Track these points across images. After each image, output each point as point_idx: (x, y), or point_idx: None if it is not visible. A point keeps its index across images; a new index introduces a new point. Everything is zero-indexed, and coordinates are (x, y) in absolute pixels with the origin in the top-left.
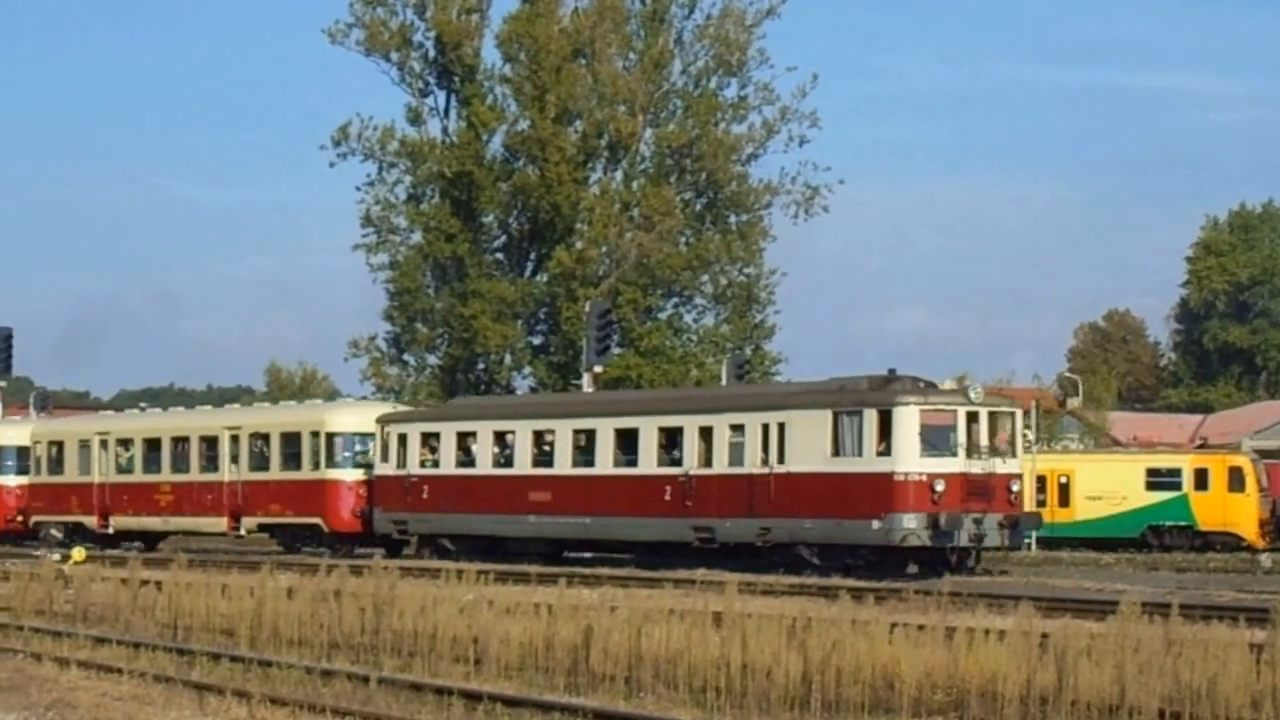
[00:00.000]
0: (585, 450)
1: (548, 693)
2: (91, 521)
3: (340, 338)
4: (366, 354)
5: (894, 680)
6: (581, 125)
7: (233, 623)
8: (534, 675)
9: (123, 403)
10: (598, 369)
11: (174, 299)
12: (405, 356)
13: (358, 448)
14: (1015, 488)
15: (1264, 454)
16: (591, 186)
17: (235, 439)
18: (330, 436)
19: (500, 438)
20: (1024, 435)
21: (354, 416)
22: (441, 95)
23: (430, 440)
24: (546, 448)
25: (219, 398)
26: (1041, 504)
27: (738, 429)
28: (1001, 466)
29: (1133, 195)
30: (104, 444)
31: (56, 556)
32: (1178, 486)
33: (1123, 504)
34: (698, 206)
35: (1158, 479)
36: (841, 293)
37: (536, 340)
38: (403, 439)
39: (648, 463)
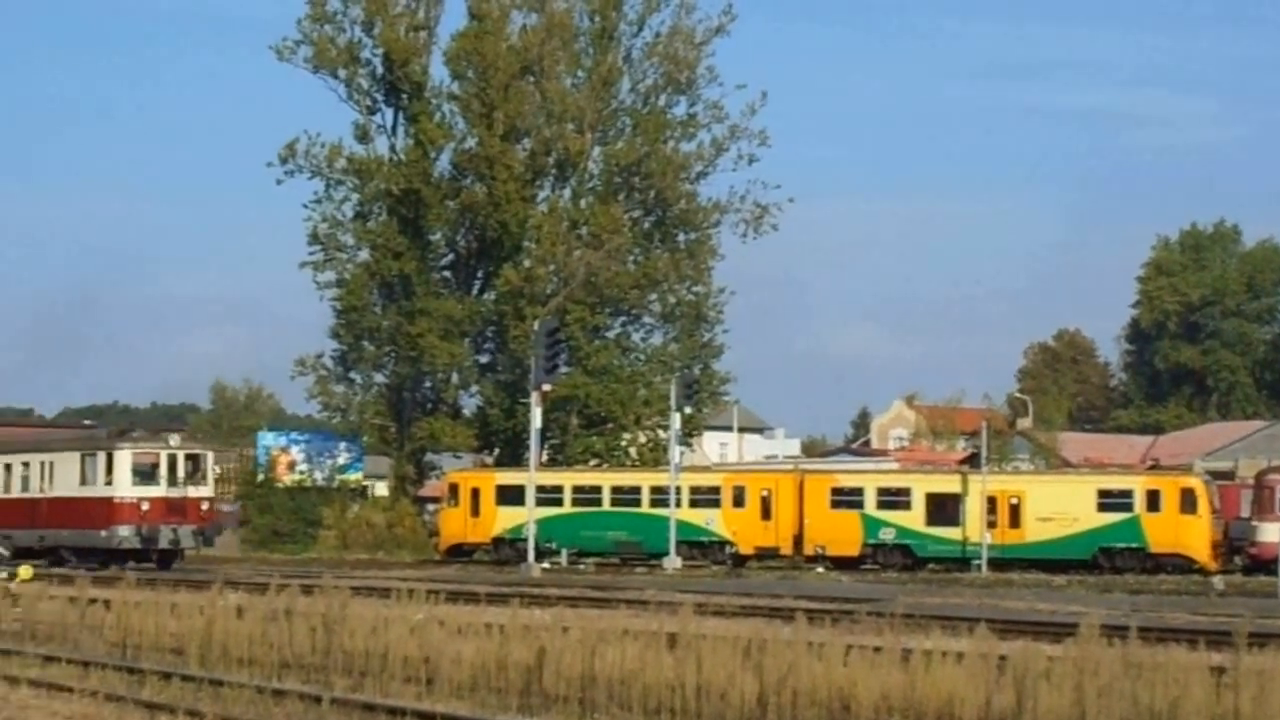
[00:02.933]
0: None
1: (501, 713)
2: None
3: (287, 356)
4: (313, 372)
5: (850, 702)
6: (530, 143)
7: (182, 641)
8: (487, 695)
9: (66, 420)
10: (546, 388)
11: (119, 316)
12: (352, 375)
13: None
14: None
15: (1216, 475)
16: (540, 204)
17: None
18: None
19: None
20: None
21: None
22: (389, 112)
23: None
24: None
25: (163, 415)
26: (992, 525)
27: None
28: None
29: (1083, 214)
30: None
31: (4, 574)
32: (1129, 508)
33: (1074, 525)
34: (646, 225)
35: (1109, 500)
36: (789, 311)
37: (484, 359)
38: None
39: None
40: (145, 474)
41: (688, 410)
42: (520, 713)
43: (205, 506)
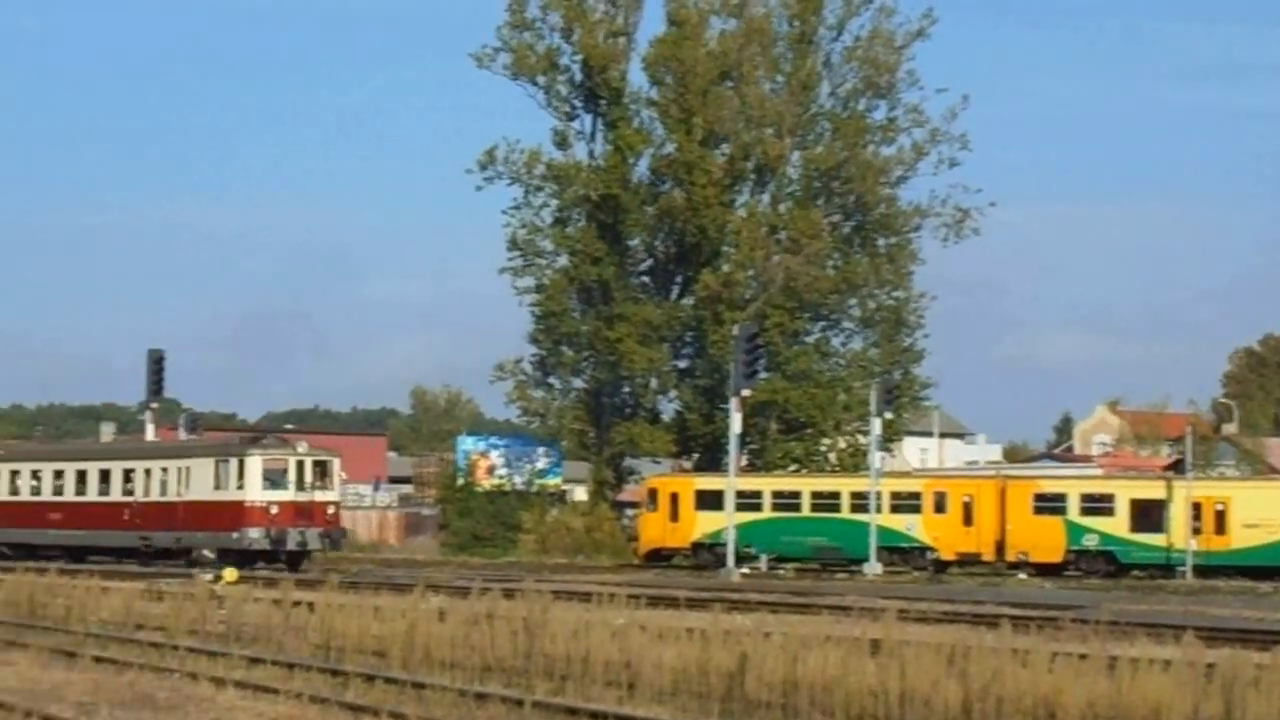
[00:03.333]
0: (82, 483)
1: (702, 718)
2: None
3: (486, 361)
4: (512, 377)
5: (1055, 710)
6: (728, 148)
7: (385, 644)
8: (688, 701)
9: (269, 424)
10: (745, 393)
11: (324, 321)
12: (551, 380)
13: None
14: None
15: None
16: (738, 209)
17: None
18: None
19: (34, 474)
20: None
21: None
22: (588, 119)
23: None
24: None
25: (363, 419)
26: (1197, 531)
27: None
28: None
29: None
30: None
31: (209, 577)
32: None
33: None
34: (845, 229)
35: None
36: (991, 316)
37: (682, 364)
38: None
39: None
40: (275, 479)
41: (888, 415)
42: (722, 718)
43: (331, 510)
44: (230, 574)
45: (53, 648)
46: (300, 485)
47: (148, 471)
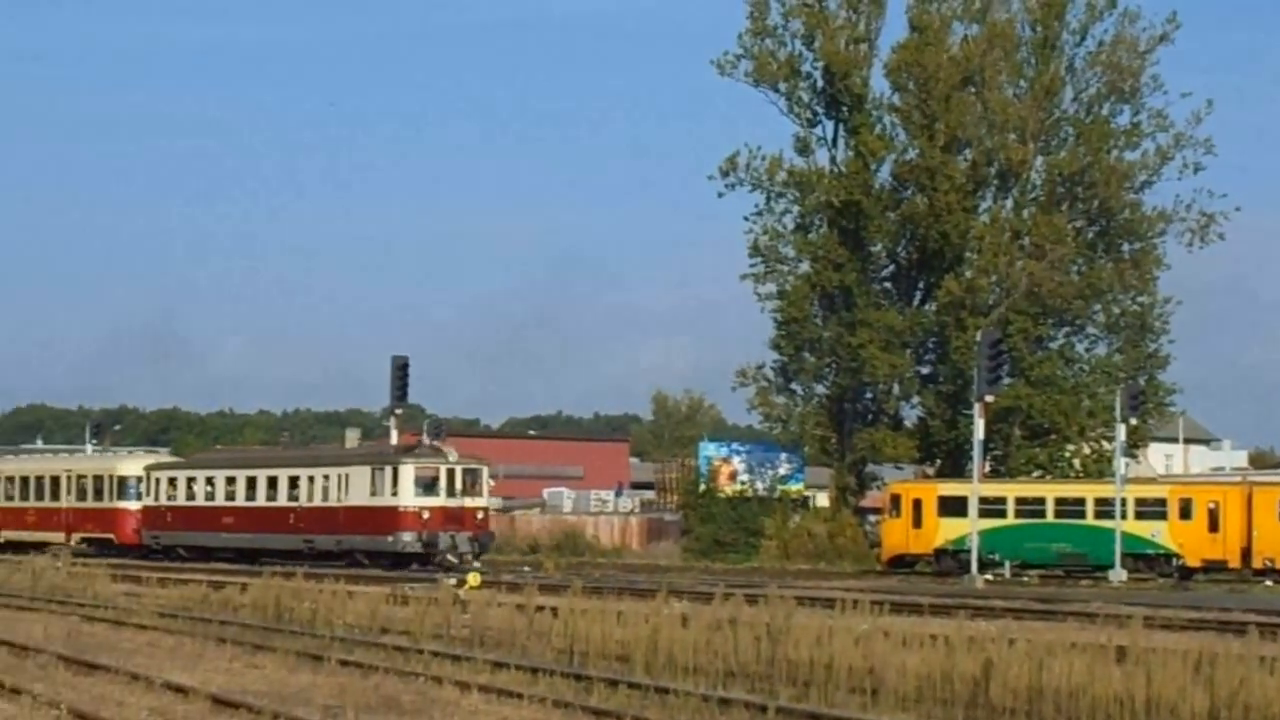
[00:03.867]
0: (252, 490)
1: None
2: None
3: (728, 367)
4: (754, 383)
5: None
6: (971, 153)
7: (628, 649)
8: (932, 707)
9: (510, 430)
10: (988, 399)
11: (568, 328)
12: (792, 386)
13: (140, 486)
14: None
15: None
16: (981, 215)
17: (75, 478)
18: (120, 479)
19: (209, 480)
20: None
21: (136, 465)
22: (829, 125)
23: (174, 481)
24: (234, 488)
25: (605, 425)
26: None
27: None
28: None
29: None
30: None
31: (453, 581)
32: None
33: None
34: (1089, 234)
35: None
36: (1238, 321)
37: (925, 370)
38: (157, 481)
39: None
40: (427, 486)
41: (1133, 421)
42: None
43: (481, 515)
44: (474, 579)
45: (299, 651)
46: (451, 492)
47: (311, 479)
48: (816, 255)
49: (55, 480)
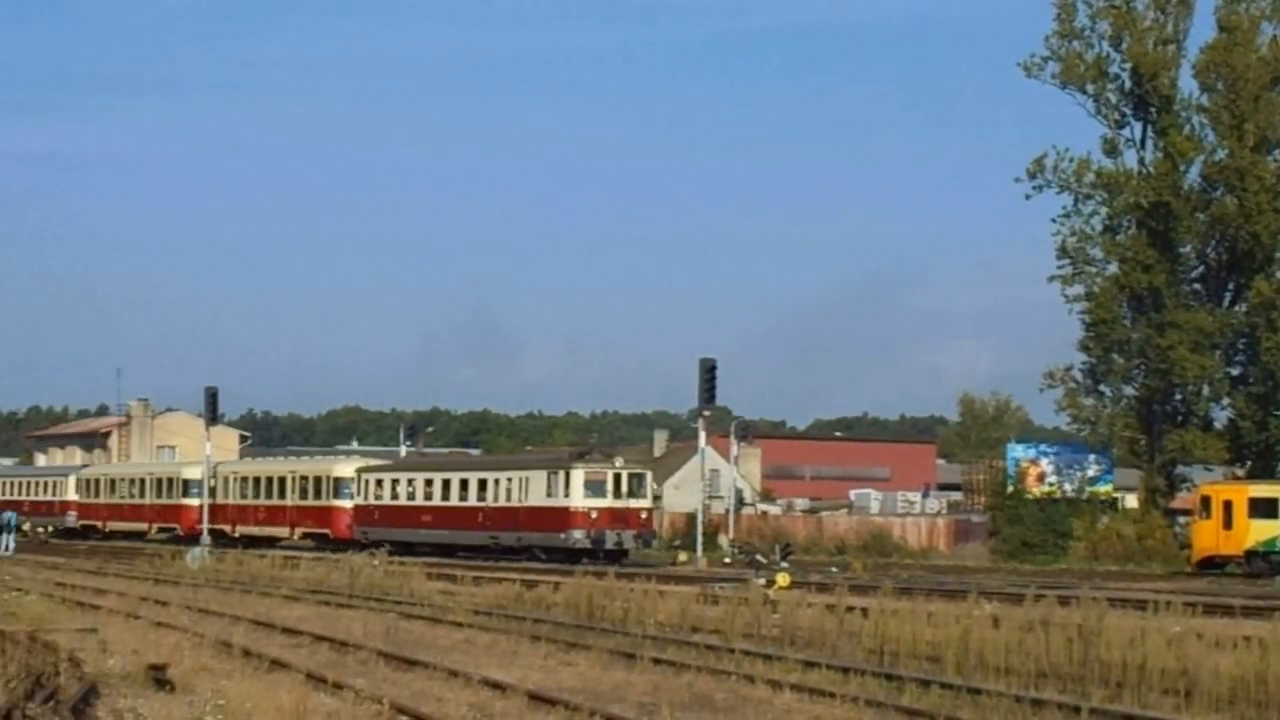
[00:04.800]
0: (447, 490)
1: None
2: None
3: (1035, 368)
4: (1062, 385)
5: None
6: None
7: (938, 650)
8: (1246, 709)
9: (817, 432)
10: None
11: (877, 329)
12: (1101, 387)
13: (353, 487)
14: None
15: None
16: None
17: (299, 479)
18: (336, 480)
19: (410, 482)
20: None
21: (349, 467)
22: (1138, 126)
23: (381, 482)
24: (433, 488)
25: (910, 427)
26: None
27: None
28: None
29: None
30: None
31: (762, 581)
32: None
33: None
34: None
35: None
36: None
37: (1235, 371)
38: (367, 482)
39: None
40: (595, 488)
41: None
42: None
43: (644, 515)
44: (783, 579)
45: (612, 649)
46: (617, 494)
47: (496, 481)
48: (1125, 257)
49: (281, 481)
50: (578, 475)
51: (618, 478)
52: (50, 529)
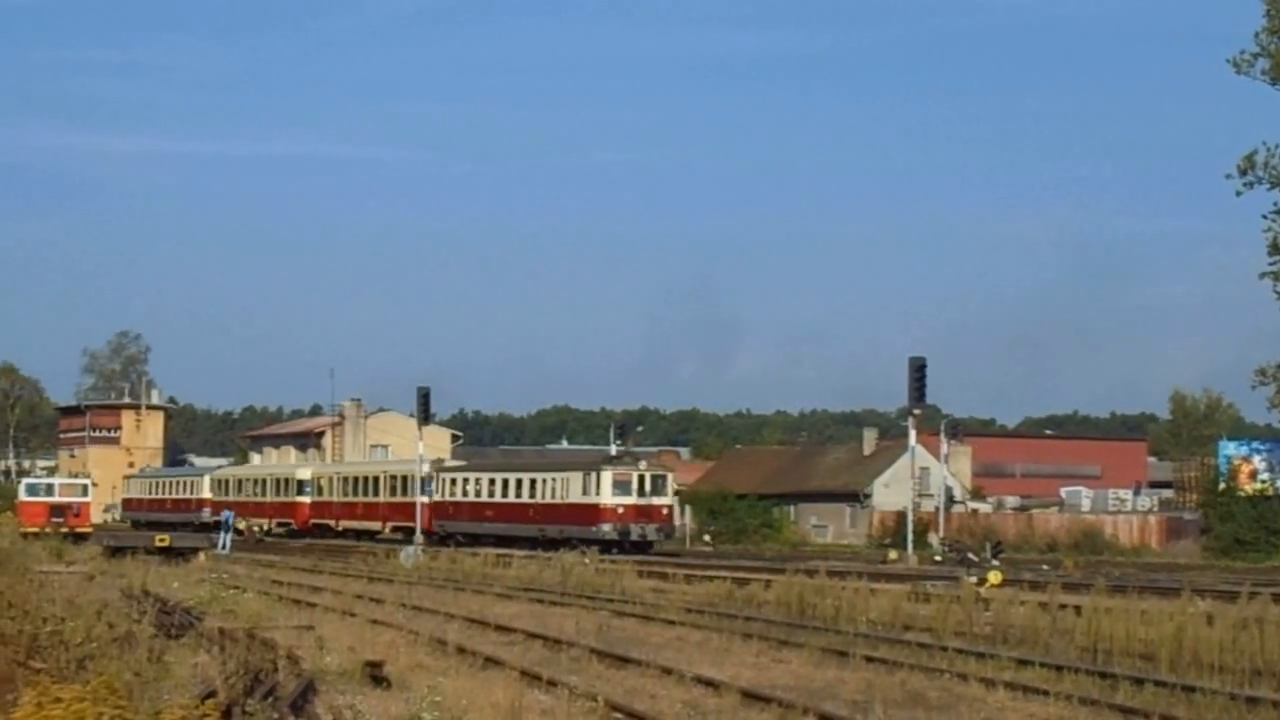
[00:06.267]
0: (505, 489)
1: None
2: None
3: (1247, 365)
4: (1274, 382)
5: None
6: None
7: (1152, 648)
8: None
9: (1027, 429)
10: None
11: (1086, 328)
12: None
13: (432, 484)
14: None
15: None
16: None
17: (389, 478)
18: (420, 480)
19: (476, 481)
20: None
21: (427, 467)
22: None
23: (454, 481)
24: (494, 487)
25: (1120, 424)
26: None
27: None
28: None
29: None
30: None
31: (974, 579)
32: None
33: None
34: None
35: None
36: None
37: None
38: (442, 480)
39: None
40: (622, 487)
41: None
42: None
43: (665, 511)
44: (995, 577)
45: (824, 647)
46: (641, 492)
47: (543, 481)
48: None
49: (376, 480)
50: (607, 476)
51: (642, 479)
52: (268, 529)
